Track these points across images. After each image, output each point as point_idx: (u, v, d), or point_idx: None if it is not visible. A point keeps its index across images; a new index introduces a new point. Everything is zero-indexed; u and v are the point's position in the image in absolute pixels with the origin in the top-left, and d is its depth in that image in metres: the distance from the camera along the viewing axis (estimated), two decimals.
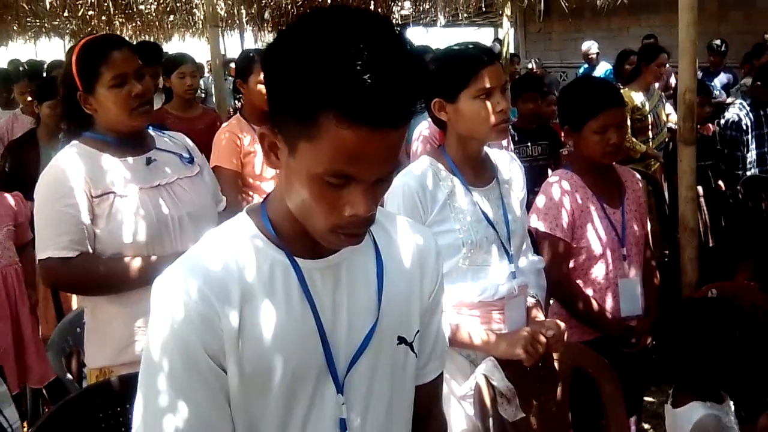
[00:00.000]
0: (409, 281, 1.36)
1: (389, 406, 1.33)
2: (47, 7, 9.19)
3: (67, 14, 10.09)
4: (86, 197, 2.18)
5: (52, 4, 9.12)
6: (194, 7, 10.74)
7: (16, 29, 13.74)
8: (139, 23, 12.63)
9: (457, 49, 2.18)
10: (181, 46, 14.55)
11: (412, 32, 14.37)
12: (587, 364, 2.45)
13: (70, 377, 2.56)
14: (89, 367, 2.38)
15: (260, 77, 3.48)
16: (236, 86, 4.14)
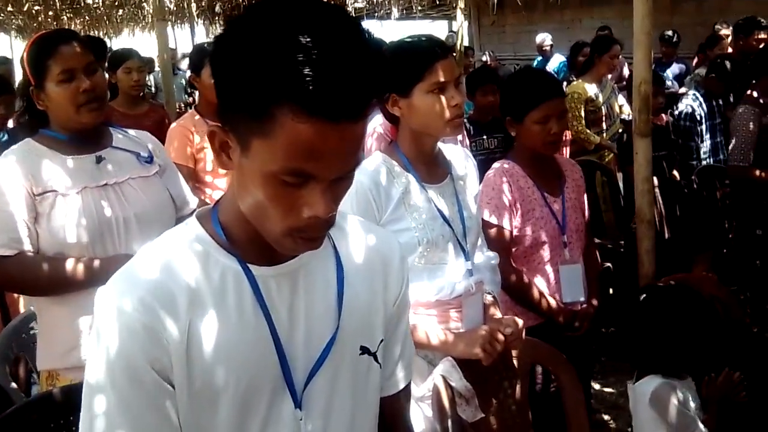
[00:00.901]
0: (371, 287, 1.29)
1: (351, 419, 1.26)
2: None
3: (11, 9, 9.84)
4: (28, 195, 2.14)
5: None
6: (143, 0, 10.56)
7: None
8: (87, 18, 12.39)
9: (409, 41, 2.12)
10: (131, 41, 14.34)
11: (365, 26, 14.32)
12: (545, 359, 2.44)
13: (14, 386, 2.49)
14: (39, 368, 2.36)
15: None
16: (190, 81, 4.06)
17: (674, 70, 8.36)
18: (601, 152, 5.67)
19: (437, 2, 12.11)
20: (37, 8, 9.80)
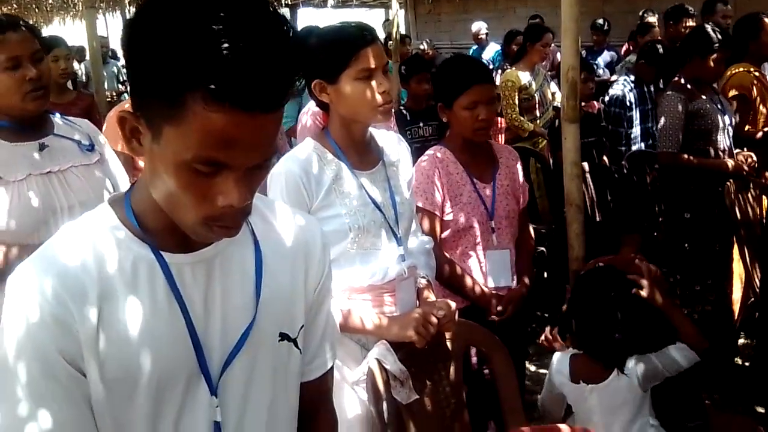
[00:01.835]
0: (292, 274, 1.29)
1: (271, 406, 1.27)
2: None
3: None
4: None
5: None
6: None
7: None
8: (15, 6, 12.01)
9: (337, 28, 2.11)
10: (61, 29, 13.99)
11: (302, 14, 14.23)
12: (479, 341, 2.48)
13: None
14: None
15: None
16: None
17: (605, 57, 8.52)
18: (535, 139, 5.76)
19: None
20: None
